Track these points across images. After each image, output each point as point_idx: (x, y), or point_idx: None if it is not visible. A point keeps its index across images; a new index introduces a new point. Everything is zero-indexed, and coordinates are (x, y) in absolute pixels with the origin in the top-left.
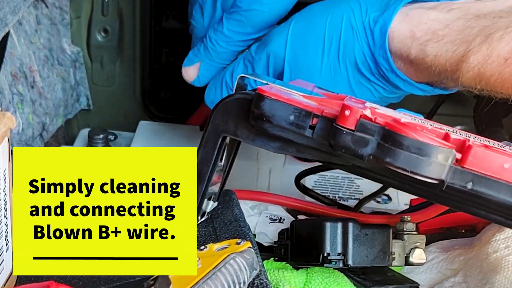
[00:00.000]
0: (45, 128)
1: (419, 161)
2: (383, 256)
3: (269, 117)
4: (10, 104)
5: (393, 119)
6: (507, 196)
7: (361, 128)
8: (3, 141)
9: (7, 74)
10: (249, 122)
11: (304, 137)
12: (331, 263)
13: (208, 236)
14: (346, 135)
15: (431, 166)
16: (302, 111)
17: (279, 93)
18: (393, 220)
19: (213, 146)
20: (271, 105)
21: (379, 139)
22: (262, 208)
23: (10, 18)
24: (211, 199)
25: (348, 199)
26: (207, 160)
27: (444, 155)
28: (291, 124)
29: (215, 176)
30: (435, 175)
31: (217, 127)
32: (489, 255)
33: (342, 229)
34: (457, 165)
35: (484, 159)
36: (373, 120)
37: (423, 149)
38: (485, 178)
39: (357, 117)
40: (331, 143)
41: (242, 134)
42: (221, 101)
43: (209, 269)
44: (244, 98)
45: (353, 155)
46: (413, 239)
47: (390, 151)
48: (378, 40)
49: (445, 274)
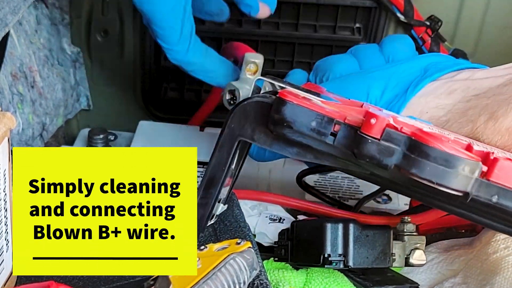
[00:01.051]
0: (45, 128)
1: (445, 173)
2: (383, 258)
3: (290, 122)
4: (10, 104)
5: (417, 128)
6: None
7: (387, 137)
8: (3, 141)
9: (7, 74)
10: (267, 127)
11: (324, 144)
12: (332, 264)
13: (208, 236)
14: (371, 144)
15: (458, 178)
16: (325, 117)
17: (300, 98)
18: (393, 221)
19: (228, 150)
20: (292, 110)
21: (405, 149)
22: (262, 208)
23: (10, 18)
24: (220, 202)
25: (348, 199)
26: (222, 164)
27: (471, 167)
28: (313, 131)
29: (227, 180)
30: (461, 188)
31: (233, 131)
32: (489, 255)
33: (343, 230)
34: (482, 178)
35: (510, 172)
36: (399, 129)
37: (450, 161)
38: (510, 192)
39: (383, 126)
40: (354, 152)
41: (260, 138)
42: (239, 104)
43: (209, 269)
44: (263, 102)
45: (377, 165)
46: (413, 240)
47: (416, 162)
48: None
49: (445, 274)
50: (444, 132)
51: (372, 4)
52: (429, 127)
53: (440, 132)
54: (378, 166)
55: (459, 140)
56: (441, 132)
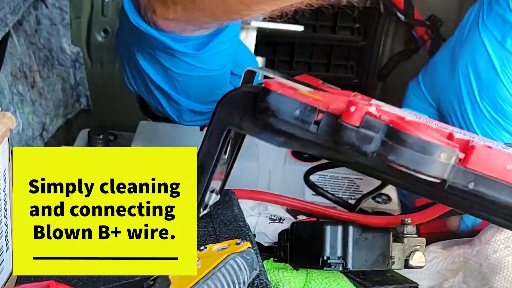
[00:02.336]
0: (45, 128)
1: (422, 159)
2: (382, 260)
3: (274, 111)
4: (10, 104)
5: (397, 116)
6: (509, 197)
7: (365, 125)
8: (3, 141)
9: (7, 74)
10: (254, 116)
11: (308, 132)
12: (331, 266)
13: (208, 236)
14: (351, 131)
15: (434, 164)
16: (308, 106)
17: (285, 88)
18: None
19: (217, 138)
20: (276, 99)
21: (383, 136)
22: (262, 208)
23: (10, 18)
24: (213, 192)
25: (348, 199)
26: (211, 153)
27: (447, 154)
28: (296, 119)
29: (218, 169)
30: (437, 174)
31: (222, 119)
32: (489, 255)
33: (342, 233)
34: (459, 165)
35: (487, 159)
36: (378, 117)
37: (426, 148)
38: (487, 179)
39: (362, 114)
40: (335, 139)
41: (247, 127)
42: (227, 94)
43: (209, 269)
44: (250, 92)
45: (356, 152)
46: (413, 242)
47: (394, 149)
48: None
49: (445, 274)
50: (430, 122)
51: (372, 4)
52: (421, 117)
53: (425, 121)
54: (358, 153)
55: (442, 129)
56: (426, 121)
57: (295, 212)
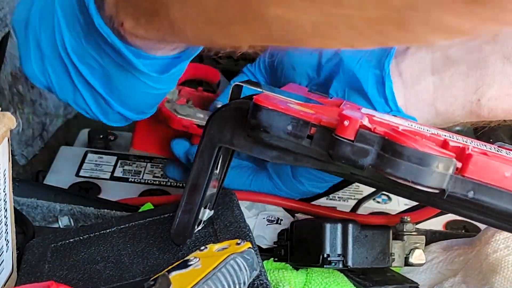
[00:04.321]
0: (45, 128)
1: (420, 171)
2: (382, 257)
3: (266, 127)
4: (10, 104)
5: (392, 128)
6: (508, 204)
7: (360, 139)
8: (3, 141)
9: (7, 74)
10: (245, 132)
11: (302, 146)
12: (331, 264)
13: (208, 237)
14: (346, 145)
15: (432, 176)
16: (300, 120)
17: (276, 102)
18: (393, 220)
19: (209, 156)
20: (268, 115)
21: (379, 149)
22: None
23: (10, 18)
24: (207, 208)
25: (348, 199)
26: (204, 171)
27: (445, 165)
28: (289, 134)
29: (211, 185)
30: (436, 185)
31: (213, 137)
32: (489, 255)
33: (342, 230)
34: (457, 174)
35: (485, 168)
36: (372, 130)
37: (423, 159)
38: (486, 187)
39: (356, 127)
40: (330, 153)
41: (239, 143)
42: (217, 111)
43: (209, 270)
44: (240, 107)
45: (352, 166)
46: (412, 239)
47: (391, 162)
48: None
49: (445, 274)
50: (422, 128)
51: None
52: (410, 123)
53: (418, 128)
54: (354, 167)
55: (435, 136)
56: (419, 128)
57: (293, 211)
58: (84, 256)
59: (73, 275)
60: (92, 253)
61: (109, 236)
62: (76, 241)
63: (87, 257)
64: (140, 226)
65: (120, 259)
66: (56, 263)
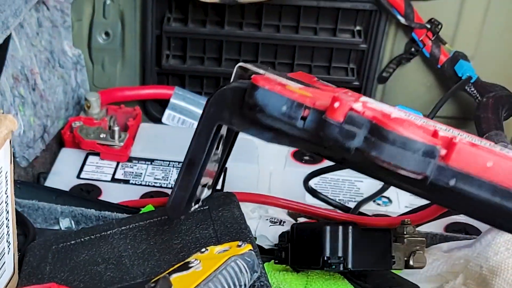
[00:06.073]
0: (46, 131)
1: (403, 155)
2: (383, 260)
3: (262, 107)
4: (11, 107)
5: (382, 113)
6: (488, 194)
7: (349, 121)
8: (4, 143)
9: (9, 76)
10: (243, 111)
11: (295, 128)
12: (331, 266)
13: (209, 239)
14: (334, 127)
15: (415, 161)
16: (294, 102)
17: (273, 83)
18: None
19: (207, 134)
20: (264, 95)
21: (366, 132)
22: (263, 211)
23: (11, 21)
24: (205, 187)
25: (348, 201)
26: (201, 148)
27: (428, 151)
28: (283, 115)
29: (210, 166)
30: (419, 170)
31: (212, 115)
32: (489, 257)
33: (342, 233)
34: (441, 162)
35: (467, 156)
36: (362, 113)
37: (408, 144)
38: (467, 176)
39: (346, 110)
40: (320, 135)
41: (237, 123)
42: (217, 90)
43: (210, 271)
44: (239, 87)
45: (340, 148)
46: (413, 242)
47: (376, 145)
48: None
49: (445, 277)
50: (420, 120)
51: (372, 7)
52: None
53: (413, 119)
54: (342, 149)
55: (427, 126)
56: (415, 119)
57: (295, 215)
58: (85, 258)
59: (74, 276)
60: (93, 255)
61: (110, 238)
62: (77, 243)
63: (88, 258)
64: (141, 228)
65: (121, 261)
66: (57, 264)
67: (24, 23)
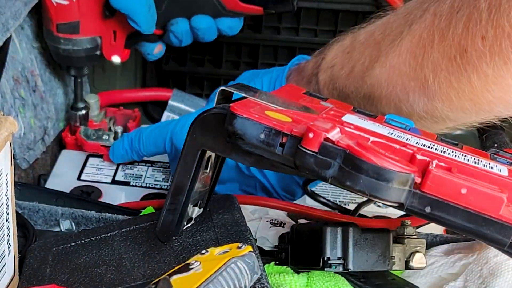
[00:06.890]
0: (47, 132)
1: (377, 185)
2: (383, 261)
3: (241, 134)
4: (12, 108)
5: (357, 142)
6: (464, 221)
7: (323, 151)
8: (5, 145)
9: (9, 78)
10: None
11: (275, 154)
12: (331, 267)
13: (209, 240)
14: (310, 157)
15: (390, 190)
16: (272, 129)
17: (252, 110)
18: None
19: (192, 159)
20: (242, 123)
21: (340, 162)
22: (263, 213)
23: (11, 23)
24: (196, 206)
25: (348, 203)
26: (187, 172)
27: (403, 180)
28: (262, 142)
29: (199, 185)
30: (394, 199)
31: (195, 141)
32: (490, 259)
33: (342, 234)
34: (416, 189)
35: (441, 184)
36: (336, 143)
37: (381, 174)
38: (443, 203)
39: (320, 140)
40: (296, 163)
41: (219, 148)
42: (200, 115)
43: (210, 273)
44: (220, 113)
45: (316, 177)
46: (413, 243)
47: (350, 175)
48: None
49: (446, 278)
50: (405, 137)
51: (372, 8)
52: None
53: (398, 139)
54: (318, 178)
55: (406, 149)
56: (399, 138)
57: (296, 217)
58: (85, 260)
59: (74, 278)
60: (94, 257)
61: (111, 239)
62: (77, 244)
63: (88, 260)
64: (141, 229)
65: (121, 263)
66: (58, 266)
67: (24, 25)
